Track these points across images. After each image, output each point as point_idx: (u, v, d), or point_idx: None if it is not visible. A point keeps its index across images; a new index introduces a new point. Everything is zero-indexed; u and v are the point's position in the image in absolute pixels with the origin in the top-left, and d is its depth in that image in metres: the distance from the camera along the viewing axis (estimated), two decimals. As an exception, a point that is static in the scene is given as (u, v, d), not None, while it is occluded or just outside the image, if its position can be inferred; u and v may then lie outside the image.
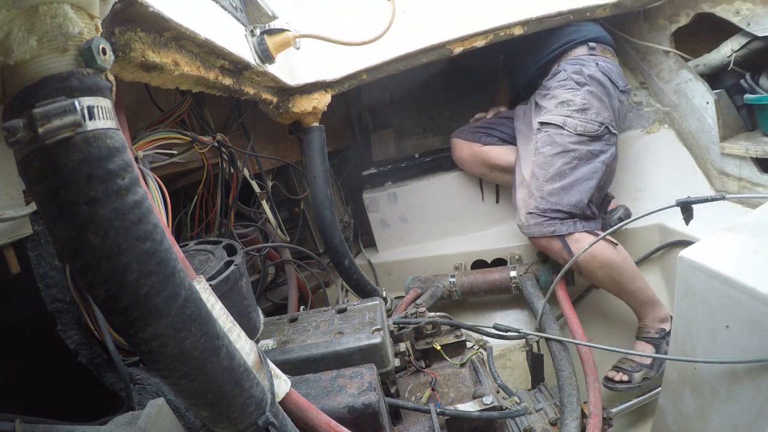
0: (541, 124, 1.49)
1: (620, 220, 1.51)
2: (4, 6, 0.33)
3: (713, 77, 1.62)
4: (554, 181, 1.41)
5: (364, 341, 0.84)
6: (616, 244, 1.37)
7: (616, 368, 1.31)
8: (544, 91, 1.57)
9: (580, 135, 1.43)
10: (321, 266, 1.76)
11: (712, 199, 1.03)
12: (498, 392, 1.02)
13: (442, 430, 0.82)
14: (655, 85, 1.76)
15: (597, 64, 1.51)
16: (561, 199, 1.39)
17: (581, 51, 1.57)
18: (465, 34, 1.49)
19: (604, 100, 1.47)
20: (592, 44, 1.57)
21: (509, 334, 1.24)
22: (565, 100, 1.47)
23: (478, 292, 1.65)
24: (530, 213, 1.44)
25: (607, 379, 1.29)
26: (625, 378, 1.27)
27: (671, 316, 1.31)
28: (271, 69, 1.14)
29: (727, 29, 1.50)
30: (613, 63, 1.57)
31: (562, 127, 1.44)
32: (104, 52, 0.37)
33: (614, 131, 1.49)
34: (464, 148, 1.83)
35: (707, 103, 1.56)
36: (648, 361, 1.27)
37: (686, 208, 1.11)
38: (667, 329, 1.29)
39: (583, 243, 1.34)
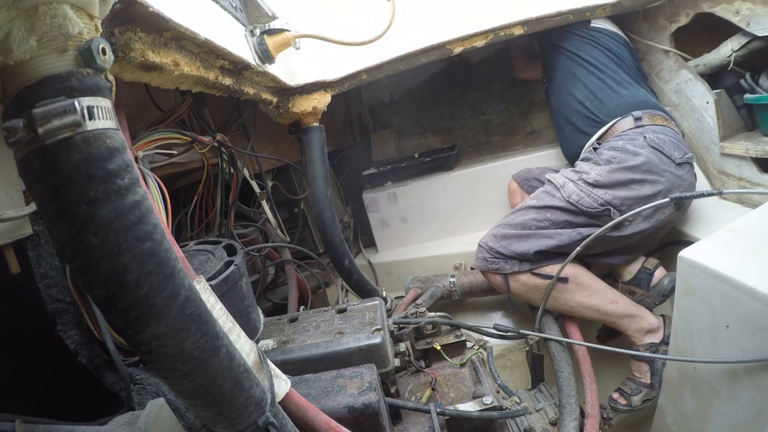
0: (547, 180, 1.42)
1: (664, 297, 1.34)
2: (4, 6, 0.33)
3: (713, 77, 1.62)
4: (516, 228, 1.34)
5: (364, 341, 0.84)
6: (567, 280, 1.30)
7: (620, 391, 1.29)
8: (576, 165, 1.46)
9: (569, 203, 1.30)
10: (321, 266, 1.77)
11: (708, 194, 1.02)
12: (498, 392, 1.02)
13: (442, 430, 0.82)
14: (655, 85, 1.76)
15: (645, 137, 1.32)
16: (510, 245, 1.33)
17: (626, 124, 1.40)
18: (465, 34, 1.49)
19: (633, 187, 1.27)
20: (637, 113, 1.40)
21: (509, 334, 1.24)
22: (581, 170, 1.35)
23: (478, 292, 1.65)
24: (481, 246, 1.39)
25: (612, 399, 1.29)
26: (624, 401, 1.26)
27: (662, 322, 1.30)
28: (271, 69, 1.14)
29: (727, 29, 1.50)
30: (666, 131, 1.36)
31: (558, 189, 1.34)
32: (104, 52, 0.37)
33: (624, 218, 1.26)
34: (517, 195, 1.80)
35: (707, 103, 1.56)
36: (648, 380, 1.27)
37: (679, 204, 1.10)
38: (657, 341, 1.27)
39: (524, 281, 1.32)
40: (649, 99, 1.49)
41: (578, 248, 1.21)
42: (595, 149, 1.41)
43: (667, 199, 1.04)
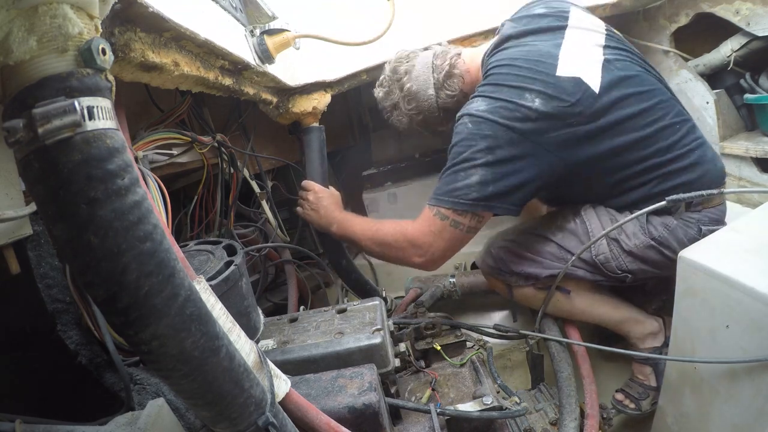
0: (582, 220, 1.20)
1: (662, 302, 1.28)
2: (4, 6, 0.33)
3: (713, 77, 1.62)
4: (532, 252, 1.24)
5: (364, 341, 0.84)
6: (569, 292, 1.25)
7: (624, 393, 1.28)
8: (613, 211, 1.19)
9: (593, 260, 1.17)
10: (321, 266, 1.76)
11: (708, 194, 0.99)
12: (498, 392, 1.02)
13: (442, 431, 0.82)
14: (655, 85, 1.76)
15: (701, 229, 1.10)
16: (521, 264, 1.24)
17: (682, 206, 1.12)
18: (465, 34, 1.49)
19: (659, 265, 1.14)
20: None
21: (509, 334, 1.25)
22: (626, 229, 1.14)
23: (478, 292, 1.65)
24: (490, 251, 1.30)
25: (616, 400, 1.28)
26: (633, 405, 1.25)
27: (662, 325, 1.29)
28: (271, 69, 1.14)
29: (727, 29, 1.50)
30: (720, 216, 1.13)
31: (587, 239, 1.16)
32: (104, 52, 0.37)
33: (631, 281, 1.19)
34: None
35: (707, 103, 1.56)
36: (653, 383, 1.25)
37: (676, 207, 1.07)
38: (659, 344, 1.26)
39: (526, 293, 1.28)
40: (721, 165, 1.16)
41: (570, 261, 1.17)
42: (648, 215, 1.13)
43: (664, 202, 1.02)
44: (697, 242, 0.93)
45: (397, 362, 0.89)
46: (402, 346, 0.96)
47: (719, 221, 1.13)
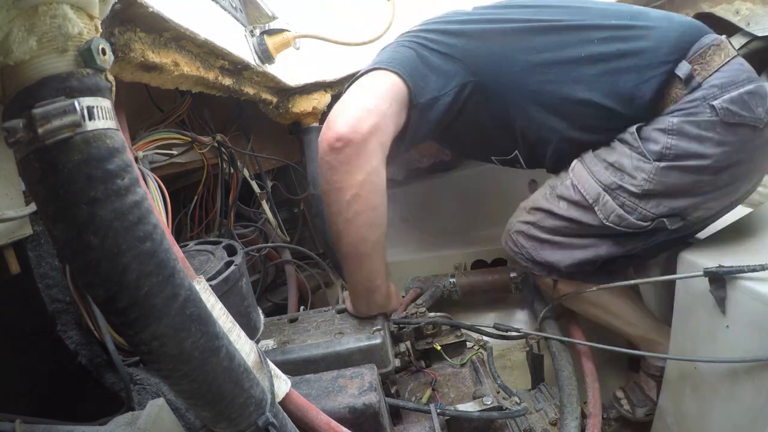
0: (573, 185, 1.03)
1: None
2: (4, 6, 0.33)
3: (713, 77, 1.62)
4: (547, 233, 1.11)
5: (364, 341, 0.84)
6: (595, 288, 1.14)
7: (625, 393, 1.26)
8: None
9: (608, 225, 0.98)
10: (321, 266, 1.76)
11: (749, 270, 0.76)
12: (498, 392, 1.02)
13: (442, 431, 0.82)
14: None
15: (713, 106, 0.86)
16: (542, 249, 1.12)
17: (676, 92, 0.91)
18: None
19: (703, 189, 0.91)
20: (684, 69, 0.88)
21: (509, 334, 1.24)
22: (621, 167, 0.94)
23: (479, 292, 1.65)
24: (510, 235, 1.20)
25: (615, 396, 1.27)
26: (628, 407, 1.23)
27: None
28: (271, 69, 1.14)
29: (727, 29, 1.50)
30: (733, 70, 0.89)
31: (592, 205, 0.99)
32: (104, 52, 0.37)
33: (681, 227, 0.95)
34: None
35: (707, 102, 1.56)
36: (654, 397, 1.22)
37: (719, 282, 0.80)
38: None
39: (548, 283, 1.21)
40: (684, 27, 0.95)
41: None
42: (638, 129, 0.93)
43: (701, 274, 0.82)
44: (697, 243, 0.93)
45: (397, 362, 0.89)
46: (402, 346, 0.96)
47: (734, 82, 0.87)
